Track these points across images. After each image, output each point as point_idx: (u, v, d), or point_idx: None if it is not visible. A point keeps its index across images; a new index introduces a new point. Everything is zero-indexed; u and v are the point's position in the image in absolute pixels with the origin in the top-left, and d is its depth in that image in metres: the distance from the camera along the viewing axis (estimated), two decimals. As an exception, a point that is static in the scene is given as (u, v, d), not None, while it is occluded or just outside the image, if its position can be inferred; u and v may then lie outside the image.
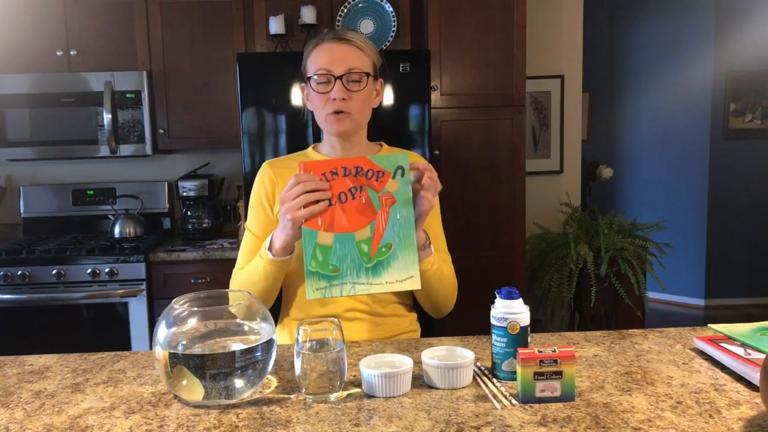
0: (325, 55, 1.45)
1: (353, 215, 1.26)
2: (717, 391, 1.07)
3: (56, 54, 3.02)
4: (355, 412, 1.02)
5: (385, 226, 1.26)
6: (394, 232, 1.26)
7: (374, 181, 1.27)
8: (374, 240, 1.26)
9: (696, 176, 4.93)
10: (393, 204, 1.26)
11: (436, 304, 1.52)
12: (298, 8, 2.96)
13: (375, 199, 1.26)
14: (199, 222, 3.24)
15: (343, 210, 1.26)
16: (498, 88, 2.93)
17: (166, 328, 1.09)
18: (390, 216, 1.26)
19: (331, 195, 1.26)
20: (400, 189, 1.27)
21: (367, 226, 1.26)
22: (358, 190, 1.27)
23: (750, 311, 4.82)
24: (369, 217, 1.26)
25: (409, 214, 1.27)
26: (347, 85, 1.44)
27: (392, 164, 1.27)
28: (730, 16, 4.74)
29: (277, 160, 1.61)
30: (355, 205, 1.26)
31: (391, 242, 1.26)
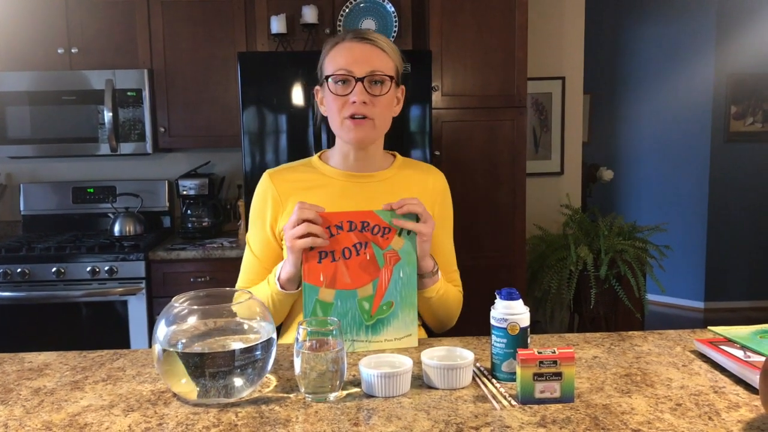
0: (345, 55, 1.36)
1: (356, 272, 1.25)
2: (716, 394, 1.07)
3: (57, 52, 3.02)
4: (355, 412, 1.02)
5: (387, 285, 1.25)
6: (396, 291, 1.25)
7: (380, 237, 1.26)
8: (376, 298, 1.25)
9: (696, 179, 4.93)
10: (397, 262, 1.26)
11: (439, 322, 1.51)
12: (299, 7, 2.96)
13: (380, 256, 1.25)
14: (199, 221, 3.24)
15: (347, 266, 1.25)
16: (499, 89, 2.93)
17: (166, 327, 1.09)
18: (393, 274, 1.25)
19: (335, 250, 1.25)
20: (405, 247, 1.26)
21: (370, 284, 1.25)
22: (362, 246, 1.26)
23: (749, 314, 4.82)
24: (372, 275, 1.25)
25: (412, 272, 1.26)
26: (369, 88, 1.36)
27: (386, 216, 1.26)
28: (731, 19, 4.74)
29: (279, 170, 1.51)
30: (359, 262, 1.25)
31: (393, 301, 1.25)
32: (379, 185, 1.47)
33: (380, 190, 1.46)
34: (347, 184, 1.46)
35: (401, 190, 1.47)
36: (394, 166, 1.52)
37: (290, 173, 1.49)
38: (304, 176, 1.48)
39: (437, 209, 1.52)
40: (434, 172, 1.57)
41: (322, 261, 1.26)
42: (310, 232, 1.23)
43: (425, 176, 1.54)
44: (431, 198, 1.51)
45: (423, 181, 1.52)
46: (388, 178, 1.49)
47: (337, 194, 1.45)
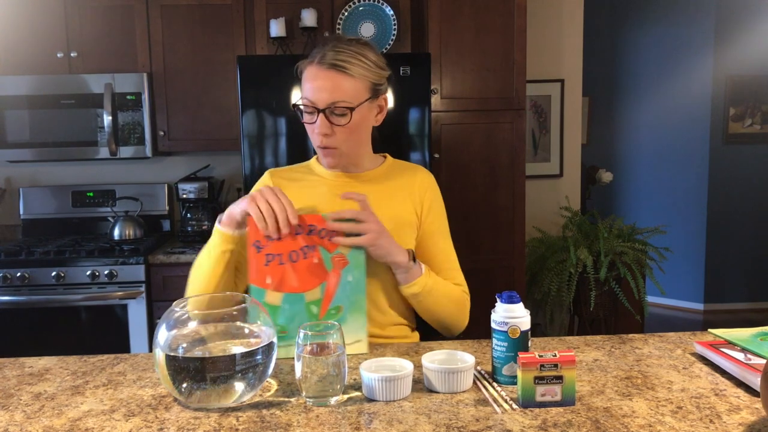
0: (310, 84, 1.37)
1: (304, 275, 1.23)
2: (717, 396, 1.07)
3: (57, 55, 3.02)
4: (356, 416, 1.02)
5: (335, 288, 1.23)
6: (345, 295, 1.23)
7: (327, 240, 1.25)
8: (324, 302, 1.23)
9: (695, 180, 4.94)
10: (345, 266, 1.24)
11: (440, 322, 1.50)
12: (298, 11, 2.97)
13: (327, 259, 1.24)
14: (199, 224, 3.23)
15: (294, 269, 1.23)
16: (498, 92, 2.93)
17: (167, 331, 1.08)
18: (341, 278, 1.23)
19: (283, 253, 1.24)
20: (353, 251, 1.24)
21: (318, 287, 1.23)
22: (310, 249, 1.25)
23: (749, 316, 4.82)
24: (320, 278, 1.23)
25: (361, 276, 1.23)
26: (331, 118, 1.36)
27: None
28: (729, 21, 4.75)
29: (281, 170, 1.57)
30: (307, 265, 1.24)
31: (341, 305, 1.23)
32: (369, 185, 1.50)
33: (370, 189, 1.49)
34: (337, 183, 1.50)
35: (390, 189, 1.51)
36: (383, 167, 1.55)
37: (289, 173, 1.56)
38: (300, 176, 1.54)
39: (425, 209, 1.53)
40: (421, 171, 1.58)
41: (269, 264, 1.26)
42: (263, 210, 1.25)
43: (412, 176, 1.56)
44: (419, 197, 1.53)
45: (410, 181, 1.54)
46: (378, 178, 1.52)
47: (327, 193, 1.49)
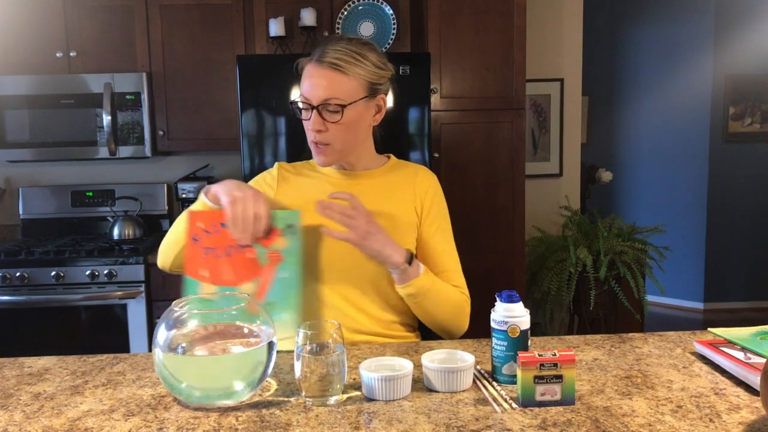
0: (306, 81, 1.39)
1: (239, 269, 1.23)
2: (717, 396, 1.07)
3: (56, 55, 3.02)
4: (355, 416, 1.02)
5: (268, 284, 1.22)
6: (278, 291, 1.21)
7: (262, 236, 1.24)
8: (257, 296, 1.22)
9: (695, 180, 4.94)
10: (279, 262, 1.22)
11: (438, 325, 1.48)
12: (298, 10, 2.97)
13: (262, 255, 1.23)
14: (199, 224, 3.23)
15: (230, 263, 1.23)
16: (498, 91, 2.93)
17: (166, 331, 1.08)
18: (276, 274, 1.22)
19: (219, 246, 1.23)
20: (288, 247, 1.23)
21: (251, 282, 1.22)
22: (246, 245, 1.24)
23: (749, 315, 4.83)
24: (254, 273, 1.22)
25: (294, 273, 1.22)
26: (324, 115, 1.38)
27: (283, 221, 1.24)
28: (729, 20, 4.75)
29: (288, 164, 1.61)
30: (242, 259, 1.23)
31: (274, 302, 1.21)
32: (370, 182, 1.51)
33: (371, 187, 1.50)
34: (339, 181, 1.51)
35: (391, 189, 1.52)
36: (386, 166, 1.56)
37: (295, 168, 1.60)
38: (305, 171, 1.57)
39: (426, 208, 1.53)
40: (423, 171, 1.58)
41: (205, 257, 1.26)
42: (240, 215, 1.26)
43: (414, 176, 1.56)
44: (419, 197, 1.53)
45: (411, 181, 1.55)
46: (378, 177, 1.53)
47: (327, 189, 1.49)
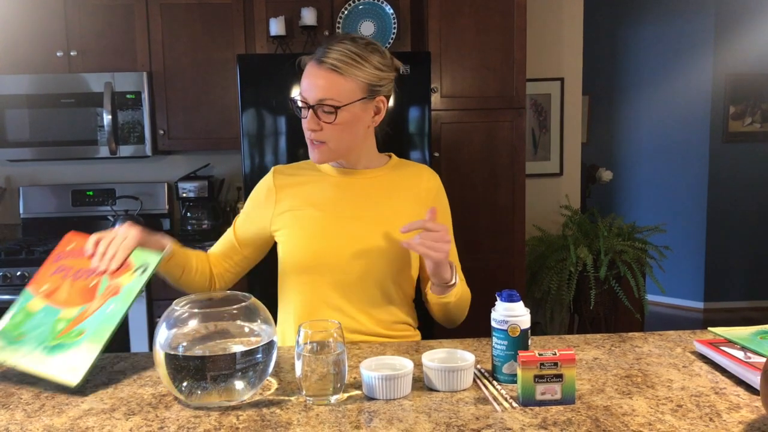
0: (304, 80, 1.40)
1: (74, 293, 1.19)
2: (717, 395, 1.07)
3: (56, 54, 3.02)
4: (356, 415, 1.02)
5: (92, 314, 1.16)
6: (95, 322, 1.15)
7: (116, 270, 1.22)
8: (74, 321, 1.16)
9: (695, 179, 4.94)
10: (114, 295, 1.18)
11: (452, 321, 1.53)
12: (298, 10, 2.97)
13: (103, 286, 1.19)
14: (199, 223, 3.24)
15: (70, 285, 1.21)
16: (498, 91, 2.93)
17: (167, 330, 1.08)
18: (103, 306, 1.17)
19: (72, 268, 1.21)
20: (131, 284, 1.19)
21: (78, 308, 1.17)
22: (95, 276, 1.21)
23: (748, 314, 4.83)
24: (85, 300, 1.18)
25: (120, 310, 1.15)
26: (319, 114, 1.38)
27: (140, 260, 1.22)
28: (729, 20, 4.75)
29: (285, 167, 1.58)
30: (82, 286, 1.20)
31: (85, 329, 1.14)
32: (372, 182, 1.51)
33: (373, 187, 1.50)
34: (341, 180, 1.51)
35: (394, 188, 1.52)
36: (388, 166, 1.55)
37: (292, 170, 1.56)
38: (304, 172, 1.55)
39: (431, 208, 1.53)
40: (427, 171, 1.59)
41: (53, 274, 1.25)
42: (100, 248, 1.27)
43: (419, 175, 1.56)
44: (424, 197, 1.54)
45: (417, 180, 1.55)
46: (382, 176, 1.53)
47: (330, 189, 1.50)
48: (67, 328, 1.15)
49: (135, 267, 1.20)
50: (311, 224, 1.46)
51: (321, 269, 1.44)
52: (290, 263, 1.47)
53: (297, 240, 1.46)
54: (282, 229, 1.49)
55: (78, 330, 1.14)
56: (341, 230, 1.44)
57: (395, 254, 1.46)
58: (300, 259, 1.45)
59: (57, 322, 1.17)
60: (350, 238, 1.44)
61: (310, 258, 1.44)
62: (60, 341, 1.14)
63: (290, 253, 1.47)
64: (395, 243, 1.45)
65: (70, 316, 1.17)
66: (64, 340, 1.14)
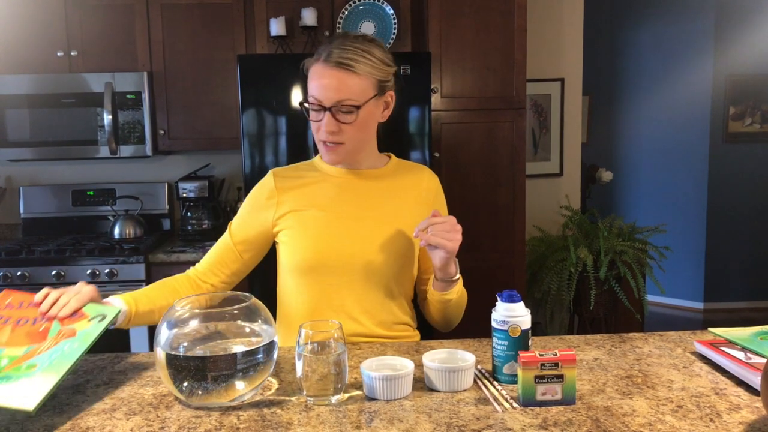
0: (316, 82, 1.37)
1: (18, 336, 1.13)
2: (717, 395, 1.07)
3: (57, 54, 3.02)
4: (356, 415, 1.02)
5: (43, 352, 1.10)
6: (48, 359, 1.08)
7: (66, 317, 1.18)
8: (21, 358, 1.09)
9: (695, 179, 4.94)
10: (69, 338, 1.13)
11: (448, 323, 1.53)
12: (298, 10, 2.97)
13: (55, 330, 1.15)
14: (199, 223, 3.24)
15: (12, 330, 1.14)
16: (498, 91, 2.93)
17: (168, 330, 1.09)
18: (57, 345, 1.11)
19: (12, 317, 1.16)
20: (89, 329, 1.15)
21: (24, 347, 1.11)
22: (43, 320, 1.17)
23: (749, 315, 4.83)
24: (34, 341, 1.12)
25: (78, 350, 1.10)
26: (338, 116, 1.37)
27: (96, 311, 1.19)
28: (729, 20, 4.75)
29: (284, 169, 1.56)
30: (28, 330, 1.14)
31: (37, 364, 1.07)
32: (374, 182, 1.51)
33: (376, 187, 1.50)
34: (344, 180, 1.50)
35: (396, 189, 1.52)
36: (389, 166, 1.55)
37: (293, 172, 1.55)
38: (305, 174, 1.53)
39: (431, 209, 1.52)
40: (428, 172, 1.60)
41: None
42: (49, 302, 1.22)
43: (419, 176, 1.57)
44: (425, 197, 1.54)
45: (417, 181, 1.56)
46: (384, 176, 1.53)
47: (333, 189, 1.49)
48: (13, 363, 1.07)
49: (91, 316, 1.16)
50: (315, 225, 1.45)
51: (324, 270, 1.43)
52: (293, 264, 1.46)
53: (301, 241, 1.45)
54: (285, 230, 1.47)
55: (28, 364, 1.06)
56: (345, 231, 1.44)
57: (398, 254, 1.46)
58: (303, 260, 1.44)
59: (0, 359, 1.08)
60: (354, 238, 1.44)
61: (314, 259, 1.43)
62: (6, 374, 1.05)
63: (293, 254, 1.45)
64: (398, 243, 1.45)
65: (15, 354, 1.09)
66: (11, 373, 1.05)
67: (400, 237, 1.46)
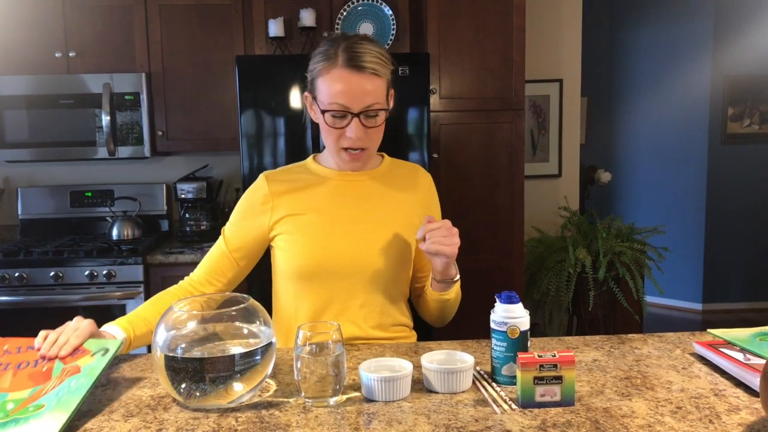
0: (341, 87, 1.32)
1: (21, 379, 1.11)
2: (717, 397, 1.07)
3: (55, 55, 3.01)
4: (355, 416, 1.02)
5: (49, 391, 1.08)
6: (56, 397, 1.06)
7: (68, 356, 1.16)
8: (27, 400, 1.07)
9: (694, 180, 4.94)
10: (75, 374, 1.11)
11: (443, 320, 1.54)
12: (297, 11, 2.97)
13: (58, 369, 1.13)
14: (197, 224, 3.23)
15: (14, 374, 1.13)
16: (497, 92, 2.93)
17: (166, 332, 1.08)
18: (63, 383, 1.09)
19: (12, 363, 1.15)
20: (93, 364, 1.13)
21: (29, 389, 1.09)
22: (43, 361, 1.15)
23: (747, 315, 4.83)
24: (37, 382, 1.10)
25: (86, 384, 1.08)
26: (365, 121, 1.35)
27: (98, 346, 1.17)
28: (728, 21, 4.76)
29: (276, 172, 1.53)
30: (30, 372, 1.13)
31: (45, 404, 1.05)
32: (370, 183, 1.50)
33: (372, 188, 1.49)
34: (340, 183, 1.49)
35: (391, 189, 1.51)
36: (383, 166, 1.54)
37: (286, 174, 1.52)
38: (299, 177, 1.51)
39: (427, 209, 1.54)
40: (421, 170, 1.60)
41: None
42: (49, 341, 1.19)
43: (414, 176, 1.57)
44: (420, 196, 1.54)
45: (412, 180, 1.55)
46: (379, 177, 1.52)
47: (329, 192, 1.48)
48: (20, 406, 1.05)
49: (93, 352, 1.15)
50: (313, 230, 1.43)
51: (324, 276, 1.42)
52: (291, 270, 1.44)
53: (299, 247, 1.43)
54: (282, 235, 1.45)
55: (35, 405, 1.04)
56: (344, 235, 1.43)
57: (397, 256, 1.46)
58: (303, 266, 1.42)
59: (5, 404, 1.06)
60: (353, 243, 1.43)
61: (314, 265, 1.41)
62: (13, 417, 1.02)
63: (292, 260, 1.43)
64: (396, 245, 1.45)
65: (20, 397, 1.07)
66: (18, 416, 1.03)
67: (398, 239, 1.45)
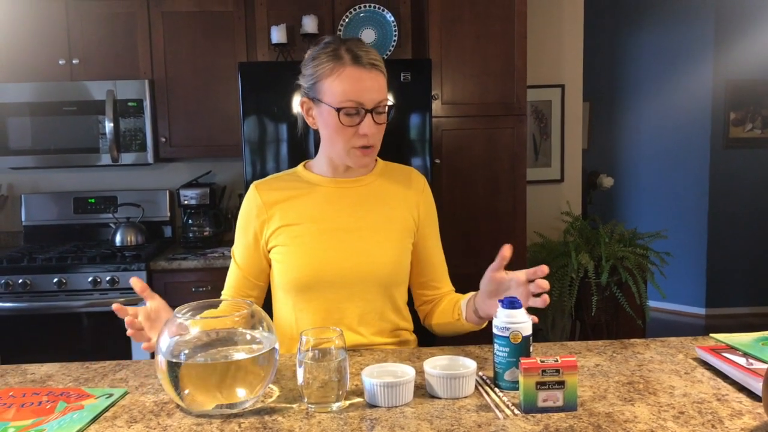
0: (354, 85, 1.32)
1: (24, 412, 1.12)
2: (719, 401, 1.07)
3: (58, 63, 3.03)
4: (357, 422, 1.02)
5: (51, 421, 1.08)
6: (57, 425, 1.06)
7: (73, 398, 1.17)
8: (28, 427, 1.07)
9: (696, 185, 4.94)
10: (77, 410, 1.12)
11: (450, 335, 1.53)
12: (299, 17, 2.98)
13: (62, 407, 1.14)
14: (200, 230, 3.24)
15: (17, 410, 1.13)
16: (499, 97, 2.94)
17: (169, 337, 1.09)
18: (65, 416, 1.10)
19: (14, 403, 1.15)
20: (96, 404, 1.14)
21: (31, 420, 1.09)
22: (47, 402, 1.16)
23: (750, 320, 4.82)
24: (39, 415, 1.11)
25: (86, 417, 1.09)
26: (376, 118, 1.35)
27: (103, 392, 1.18)
28: (729, 25, 4.76)
29: (265, 181, 1.51)
30: (34, 408, 1.14)
31: (46, 429, 1.05)
32: (364, 189, 1.49)
33: (366, 193, 1.48)
34: (333, 190, 1.47)
35: (385, 194, 1.49)
36: (376, 171, 1.53)
37: (276, 183, 1.50)
38: (290, 185, 1.49)
39: (422, 213, 1.53)
40: (414, 172, 1.58)
41: None
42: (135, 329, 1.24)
43: (407, 179, 1.55)
44: (415, 199, 1.52)
45: (405, 184, 1.53)
46: (372, 182, 1.50)
47: (323, 200, 1.46)
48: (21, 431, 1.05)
49: (97, 396, 1.16)
50: (309, 241, 1.41)
51: (323, 286, 1.41)
52: (289, 282, 1.42)
53: (296, 258, 1.41)
54: (278, 246, 1.43)
55: (37, 430, 1.04)
56: (340, 244, 1.41)
57: (394, 262, 1.45)
58: (300, 278, 1.40)
59: (5, 429, 1.06)
60: (350, 251, 1.41)
61: (312, 276, 1.40)
62: None
63: (289, 272, 1.42)
64: (393, 250, 1.44)
65: (22, 425, 1.07)
66: None
67: (394, 244, 1.45)
